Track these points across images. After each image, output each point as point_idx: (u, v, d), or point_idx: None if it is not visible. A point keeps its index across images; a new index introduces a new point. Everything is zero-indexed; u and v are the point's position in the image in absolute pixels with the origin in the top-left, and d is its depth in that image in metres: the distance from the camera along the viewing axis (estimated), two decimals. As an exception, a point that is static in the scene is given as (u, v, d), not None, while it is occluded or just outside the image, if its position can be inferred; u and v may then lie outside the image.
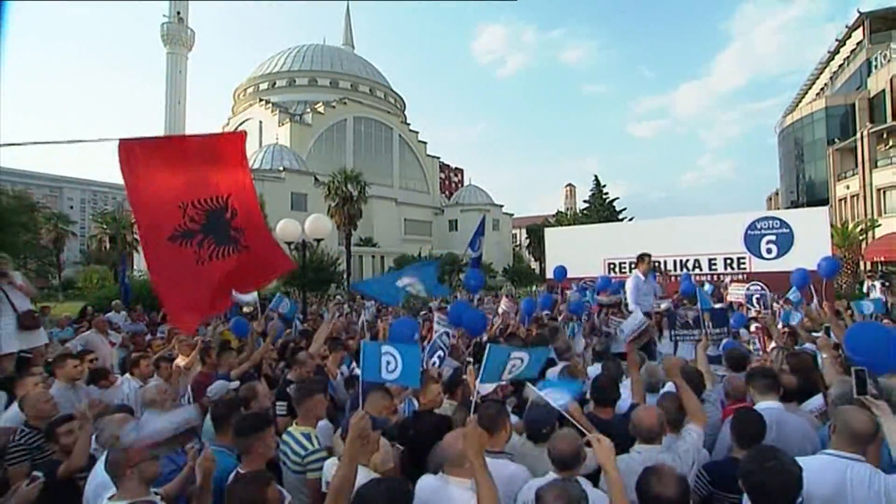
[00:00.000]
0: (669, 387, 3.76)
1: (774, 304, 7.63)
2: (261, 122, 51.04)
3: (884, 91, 30.55)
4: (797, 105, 44.30)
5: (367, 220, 35.91)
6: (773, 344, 5.24)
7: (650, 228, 15.41)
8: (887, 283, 11.86)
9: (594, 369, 4.33)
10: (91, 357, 5.05)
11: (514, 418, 2.95)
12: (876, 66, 32.07)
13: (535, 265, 52.31)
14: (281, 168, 37.45)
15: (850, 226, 24.74)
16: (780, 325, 6.02)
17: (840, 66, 38.53)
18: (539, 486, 1.84)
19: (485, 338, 5.31)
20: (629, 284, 7.36)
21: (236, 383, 3.76)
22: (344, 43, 64.35)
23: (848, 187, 31.69)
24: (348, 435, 1.93)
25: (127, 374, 4.87)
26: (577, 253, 14.71)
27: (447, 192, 64.10)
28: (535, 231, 49.74)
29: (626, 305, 8.48)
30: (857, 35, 35.59)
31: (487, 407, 2.68)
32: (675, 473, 1.86)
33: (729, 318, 4.90)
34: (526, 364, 2.60)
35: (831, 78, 39.86)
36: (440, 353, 4.36)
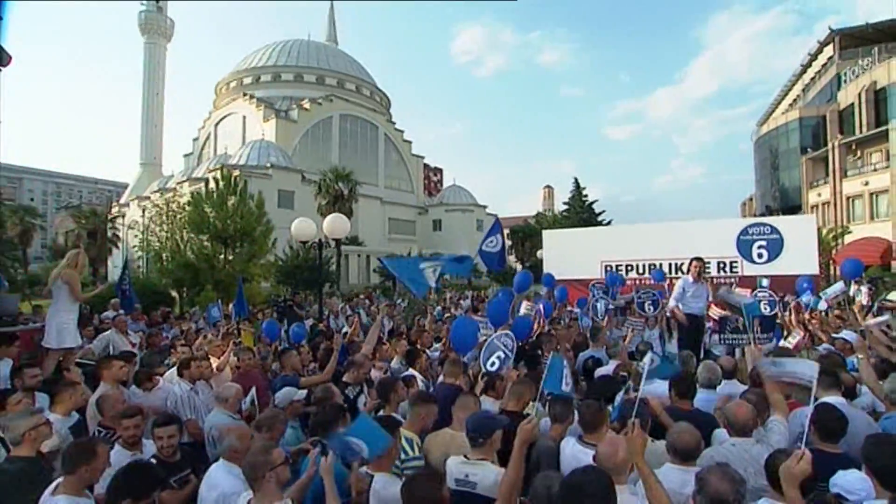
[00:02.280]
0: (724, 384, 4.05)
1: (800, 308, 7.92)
2: (244, 118, 50.14)
3: (853, 105, 32.10)
4: (771, 114, 46.07)
5: (353, 219, 35.74)
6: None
7: (647, 232, 15.82)
8: (873, 288, 12.58)
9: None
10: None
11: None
12: (845, 81, 33.68)
13: (517, 265, 52.82)
14: (268, 165, 36.93)
15: (824, 232, 25.92)
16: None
17: (812, 78, 40.27)
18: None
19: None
20: (676, 286, 7.64)
21: (304, 392, 3.82)
22: (328, 39, 63.75)
23: (820, 195, 33.18)
24: (517, 440, 2.08)
25: (175, 376, 4.89)
26: (575, 255, 15.01)
27: (426, 192, 64.20)
28: (518, 232, 50.36)
29: (641, 305, 8.83)
30: (829, 50, 37.28)
31: (588, 406, 2.87)
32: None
33: (776, 324, 5.19)
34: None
35: (804, 90, 41.61)
36: (500, 353, 4.44)
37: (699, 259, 7.64)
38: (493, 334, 4.67)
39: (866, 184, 29.73)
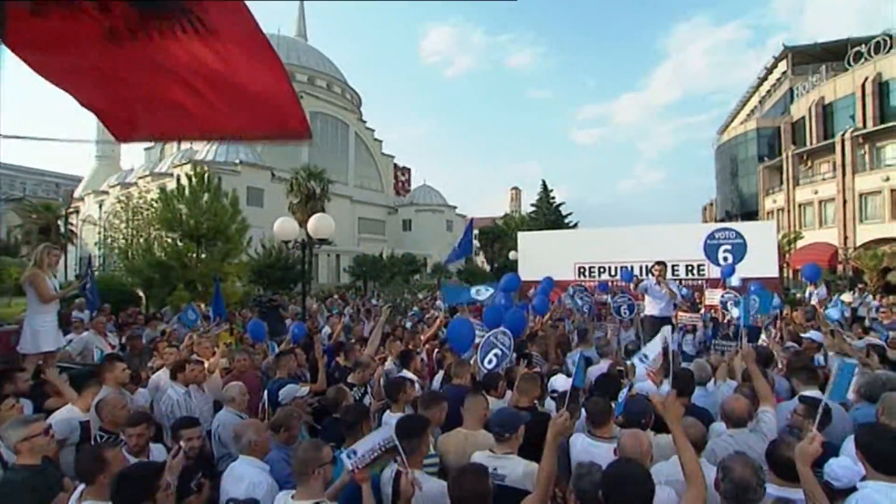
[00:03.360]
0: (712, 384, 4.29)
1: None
2: (210, 111, 48.59)
3: (804, 118, 34.07)
4: (730, 123, 48.31)
5: (324, 218, 35.19)
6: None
7: (619, 235, 16.39)
8: (827, 290, 13.42)
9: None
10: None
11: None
12: (798, 95, 35.70)
13: (486, 266, 53.30)
14: (237, 161, 35.92)
15: (779, 237, 27.40)
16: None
17: (768, 91, 42.48)
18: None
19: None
20: (640, 287, 7.95)
21: (306, 389, 3.83)
22: (297, 34, 62.51)
23: (775, 201, 35.02)
24: (549, 433, 2.19)
25: (169, 380, 4.78)
26: (549, 257, 15.34)
27: (395, 191, 63.95)
28: (488, 233, 50.83)
29: (617, 309, 9.15)
30: (783, 66, 39.43)
31: (595, 403, 3.02)
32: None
33: (761, 333, 5.51)
34: None
35: (760, 101, 43.82)
36: (497, 351, 4.55)
37: (661, 263, 7.99)
38: (489, 332, 4.76)
39: (816, 192, 31.61)
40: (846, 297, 15.48)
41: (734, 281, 10.66)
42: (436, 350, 6.24)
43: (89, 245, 41.11)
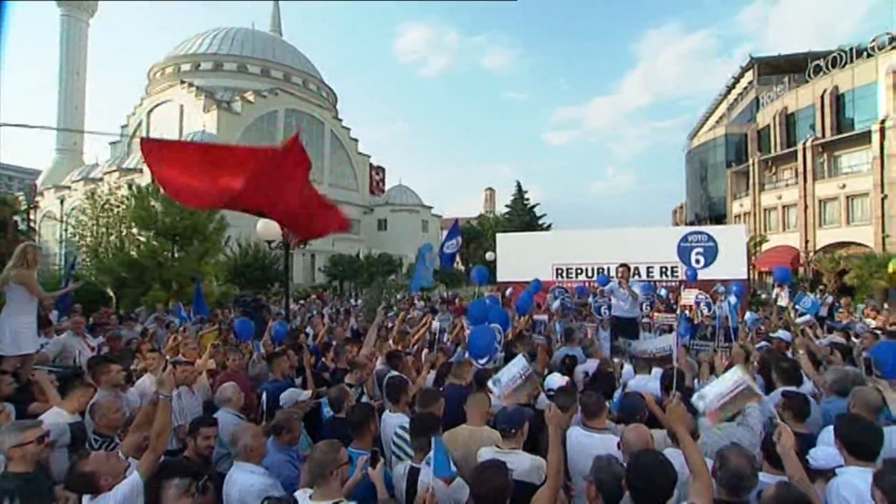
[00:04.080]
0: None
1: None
2: (182, 106, 47.22)
3: (769, 126, 35.52)
4: (700, 129, 49.94)
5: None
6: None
7: (596, 237, 16.79)
8: (793, 291, 14.06)
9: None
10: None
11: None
12: (763, 104, 37.20)
13: (461, 267, 53.51)
14: (209, 158, 35.15)
15: (746, 240, 28.50)
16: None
17: (736, 99, 44.10)
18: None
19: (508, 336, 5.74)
20: (606, 289, 8.20)
21: (308, 393, 3.84)
22: (272, 29, 61.39)
23: (742, 206, 36.39)
24: (550, 427, 2.30)
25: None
26: (526, 258, 15.59)
27: (369, 190, 63.54)
28: (463, 233, 50.84)
29: (598, 309, 9.40)
30: (749, 75, 41.02)
31: (589, 396, 3.17)
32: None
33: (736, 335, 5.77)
34: None
35: (729, 108, 45.45)
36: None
37: (624, 265, 8.27)
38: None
39: (780, 198, 33.02)
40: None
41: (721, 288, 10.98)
42: (424, 350, 6.30)
43: (49, 242, 39.42)
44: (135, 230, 14.30)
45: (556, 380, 3.84)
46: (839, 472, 2.44)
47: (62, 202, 38.79)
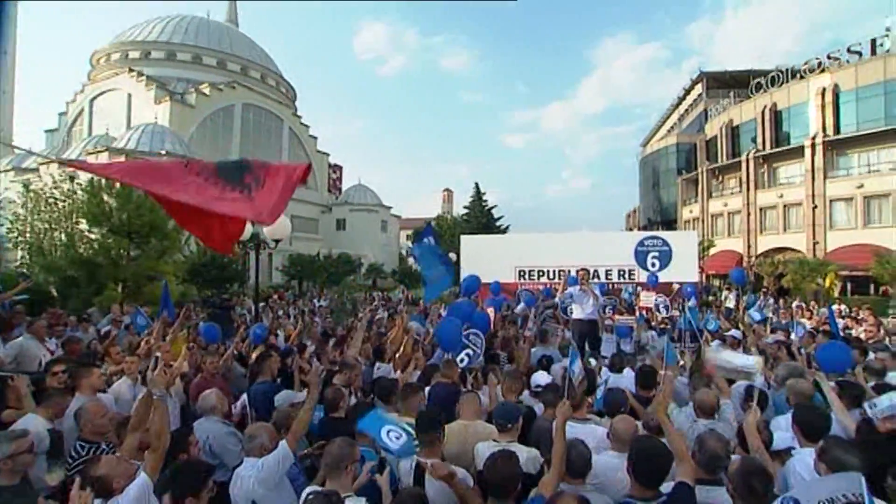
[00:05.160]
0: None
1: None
2: (130, 96, 44.77)
3: (716, 136, 37.69)
4: (653, 137, 52.31)
5: (257, 216, 33.55)
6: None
7: (558, 241, 17.35)
8: (738, 293, 15.08)
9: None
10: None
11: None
12: (711, 116, 39.44)
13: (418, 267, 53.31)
14: (162, 152, 33.43)
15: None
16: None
17: (686, 110, 46.50)
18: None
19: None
20: (567, 292, 8.54)
21: (303, 394, 3.86)
22: (227, 19, 59.20)
23: (692, 211, 38.43)
24: (558, 418, 2.49)
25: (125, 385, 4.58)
26: (490, 260, 15.93)
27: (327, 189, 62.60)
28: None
29: (565, 310, 9.77)
30: (699, 88, 43.38)
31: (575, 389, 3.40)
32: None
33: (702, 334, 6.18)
34: None
35: (679, 119, 47.87)
36: (469, 351, 4.82)
37: (584, 269, 8.66)
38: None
39: (726, 205, 35.14)
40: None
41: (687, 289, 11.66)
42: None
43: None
44: (84, 226, 13.53)
45: (543, 377, 4.05)
46: (794, 452, 2.78)
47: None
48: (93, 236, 12.94)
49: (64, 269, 12.28)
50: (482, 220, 48.49)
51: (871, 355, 5.69)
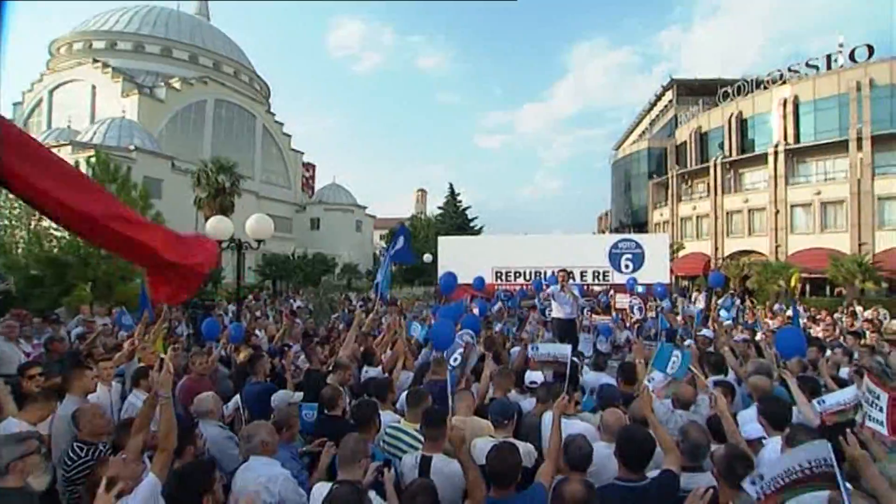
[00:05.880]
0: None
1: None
2: (94, 87, 43.11)
3: (686, 142, 38.97)
4: (625, 141, 53.66)
5: (230, 215, 32.90)
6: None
7: (534, 243, 17.72)
8: (708, 295, 15.71)
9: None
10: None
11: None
12: (681, 122, 40.75)
13: (394, 267, 53.12)
14: (131, 147, 32.34)
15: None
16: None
17: (657, 115, 47.87)
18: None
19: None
20: (548, 293, 8.78)
21: (300, 394, 3.92)
22: (198, 11, 57.65)
23: (662, 215, 39.61)
24: (555, 412, 2.64)
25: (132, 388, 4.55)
26: (468, 261, 16.16)
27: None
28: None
29: (543, 311, 10.02)
30: (669, 94, 44.74)
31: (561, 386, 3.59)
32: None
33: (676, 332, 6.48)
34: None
35: (651, 124, 49.25)
36: (461, 351, 4.95)
37: (564, 270, 8.95)
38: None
39: (694, 209, 36.39)
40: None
41: (639, 289, 12.13)
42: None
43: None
44: (49, 223, 13.06)
45: (536, 375, 4.24)
46: (766, 442, 3.03)
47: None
48: (60, 234, 12.51)
49: (27, 267, 11.83)
50: (456, 220, 48.72)
51: (829, 352, 6.15)
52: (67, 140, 33.02)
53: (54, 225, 12.63)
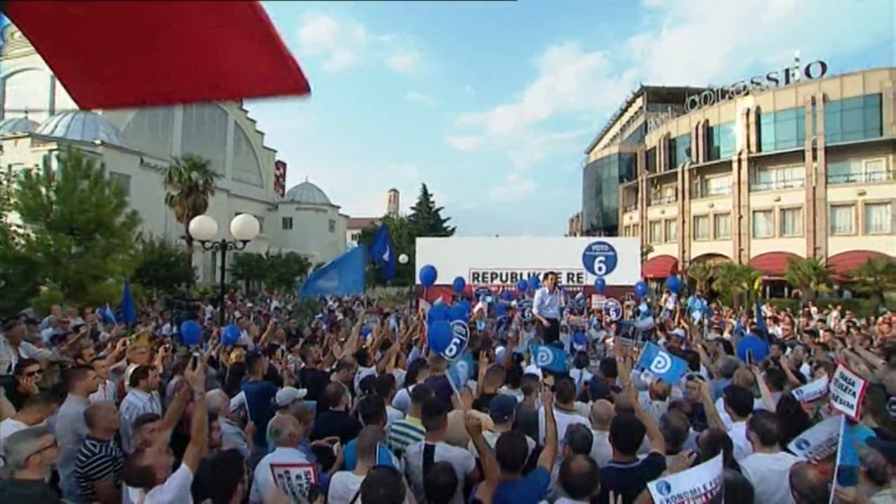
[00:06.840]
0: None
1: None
2: (53, 77, 41.26)
3: (655, 147, 40.27)
4: (596, 145, 54.98)
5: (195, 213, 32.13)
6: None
7: (510, 245, 18.12)
8: (677, 296, 16.41)
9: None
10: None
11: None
12: (650, 128, 42.09)
13: (366, 267, 52.77)
14: (98, 141, 31.16)
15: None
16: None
17: (628, 121, 49.25)
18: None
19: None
20: (535, 296, 9.09)
21: (303, 391, 4.03)
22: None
23: (632, 218, 40.80)
24: (545, 405, 2.89)
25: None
26: (446, 262, 16.41)
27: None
28: (370, 234, 50.67)
29: (524, 312, 10.31)
30: (640, 101, 46.11)
31: (565, 384, 3.85)
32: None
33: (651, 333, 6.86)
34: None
35: (622, 129, 50.61)
36: (456, 340, 5.12)
37: (552, 273, 9.30)
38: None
39: (663, 212, 37.65)
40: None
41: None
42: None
43: None
44: (14, 219, 12.60)
45: (532, 368, 4.52)
46: (730, 427, 3.38)
47: None
48: (27, 231, 12.09)
49: (-7, 266, 11.39)
50: (429, 221, 48.87)
51: (789, 350, 6.68)
52: (26, 132, 31.60)
53: (20, 221, 12.22)
